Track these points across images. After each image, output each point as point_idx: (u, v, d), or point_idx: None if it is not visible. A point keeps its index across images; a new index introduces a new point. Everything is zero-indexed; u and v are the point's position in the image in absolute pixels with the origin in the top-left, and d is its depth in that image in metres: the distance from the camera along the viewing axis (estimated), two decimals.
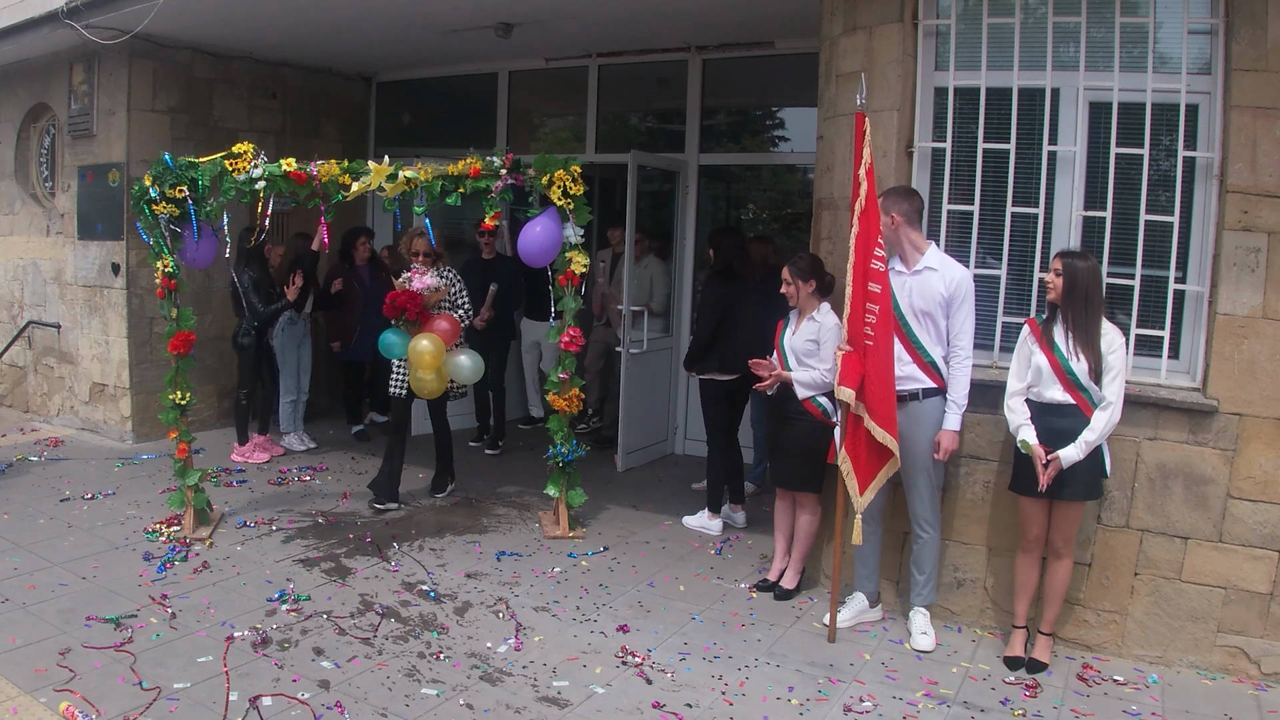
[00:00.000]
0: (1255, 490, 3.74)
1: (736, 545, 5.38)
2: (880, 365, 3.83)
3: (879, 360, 3.83)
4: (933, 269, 3.99)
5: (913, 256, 4.05)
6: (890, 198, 4.02)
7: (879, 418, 3.85)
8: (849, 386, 3.89)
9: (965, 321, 3.98)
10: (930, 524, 4.11)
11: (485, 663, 3.79)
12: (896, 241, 4.04)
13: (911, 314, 4.01)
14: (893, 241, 4.02)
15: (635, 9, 6.10)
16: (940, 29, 4.25)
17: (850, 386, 3.89)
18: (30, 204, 8.14)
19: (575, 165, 5.11)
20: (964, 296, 3.96)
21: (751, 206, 8.04)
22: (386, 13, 6.26)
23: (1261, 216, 3.67)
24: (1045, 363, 3.69)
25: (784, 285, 4.44)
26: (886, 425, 3.84)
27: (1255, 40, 3.63)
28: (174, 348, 5.08)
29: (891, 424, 3.85)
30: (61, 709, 3.27)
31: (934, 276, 3.98)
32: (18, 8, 6.73)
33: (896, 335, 3.99)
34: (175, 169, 4.83)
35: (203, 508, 5.26)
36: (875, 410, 3.85)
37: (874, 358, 3.84)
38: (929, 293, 3.97)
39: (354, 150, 8.13)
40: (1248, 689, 3.73)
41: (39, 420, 7.98)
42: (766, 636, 4.15)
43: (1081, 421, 3.65)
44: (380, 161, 4.96)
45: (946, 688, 3.70)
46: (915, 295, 4.00)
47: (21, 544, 4.90)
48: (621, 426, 6.83)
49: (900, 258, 4.07)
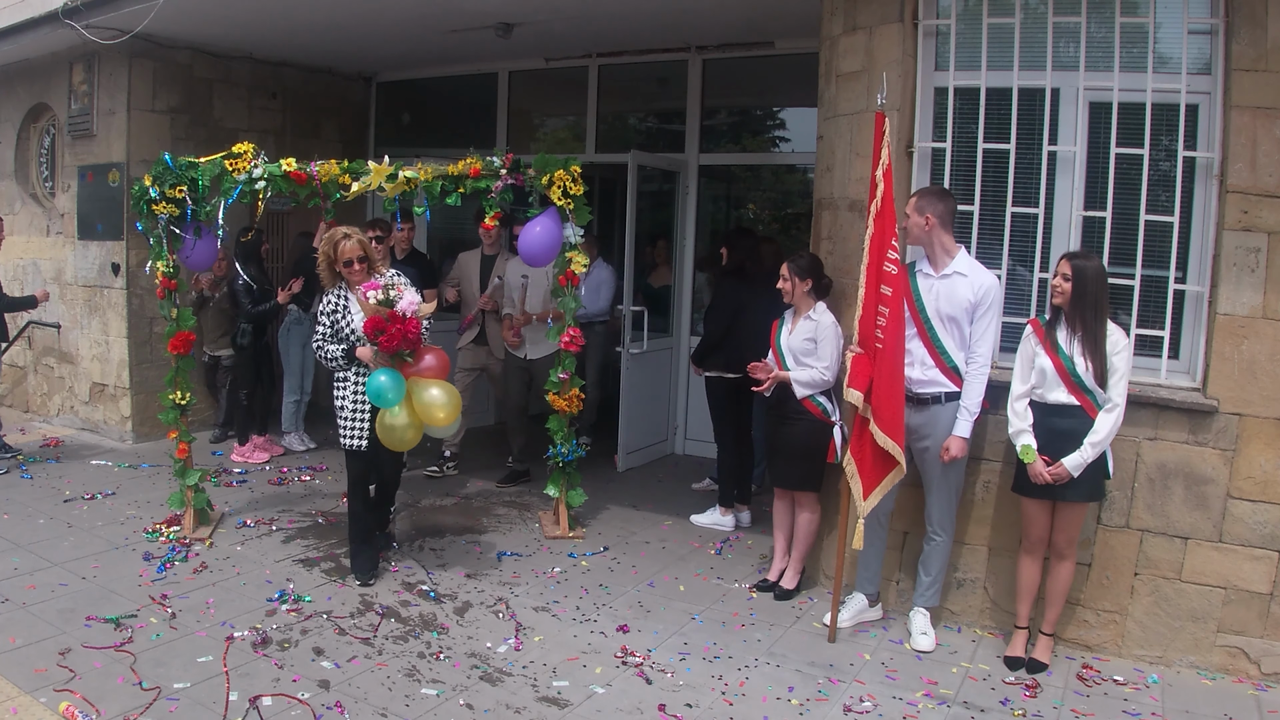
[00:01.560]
0: (1255, 490, 3.74)
1: (736, 545, 5.38)
2: (889, 369, 3.81)
3: (888, 364, 3.81)
4: (962, 274, 3.93)
5: (942, 260, 3.98)
6: (926, 198, 3.94)
7: (884, 424, 3.82)
8: (857, 389, 3.88)
9: (988, 329, 3.91)
10: (944, 528, 4.09)
11: (485, 663, 3.79)
12: (929, 244, 3.97)
13: (937, 318, 3.95)
14: (924, 243, 3.97)
15: (635, 9, 6.10)
16: (940, 29, 4.25)
17: (859, 389, 3.88)
18: (30, 204, 8.14)
19: (575, 165, 5.11)
20: (990, 303, 3.90)
21: (751, 206, 8.04)
22: (387, 13, 6.26)
23: (1261, 216, 3.67)
24: (1050, 365, 3.68)
25: (780, 281, 4.43)
26: (892, 432, 3.81)
27: (1255, 40, 3.62)
28: (174, 348, 5.08)
29: (897, 431, 3.82)
30: (61, 709, 3.26)
31: (962, 282, 3.92)
32: (18, 8, 6.73)
33: (920, 338, 3.97)
34: (175, 169, 4.84)
35: (203, 508, 5.26)
36: (881, 415, 3.83)
37: (883, 361, 3.83)
38: (956, 298, 3.92)
39: (354, 150, 8.13)
40: (1248, 689, 3.72)
41: (39, 420, 7.98)
42: (766, 636, 4.15)
43: (1085, 423, 3.63)
44: (380, 161, 4.95)
45: (946, 688, 3.70)
46: (941, 299, 3.94)
47: (21, 544, 4.90)
48: (621, 426, 6.83)
49: (929, 259, 4.00)
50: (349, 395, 4.54)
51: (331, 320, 4.51)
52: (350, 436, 4.58)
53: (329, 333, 4.51)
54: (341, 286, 4.54)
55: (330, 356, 4.51)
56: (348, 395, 4.55)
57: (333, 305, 4.51)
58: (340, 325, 4.50)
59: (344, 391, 4.56)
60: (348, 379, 4.54)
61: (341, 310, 4.50)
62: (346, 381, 4.55)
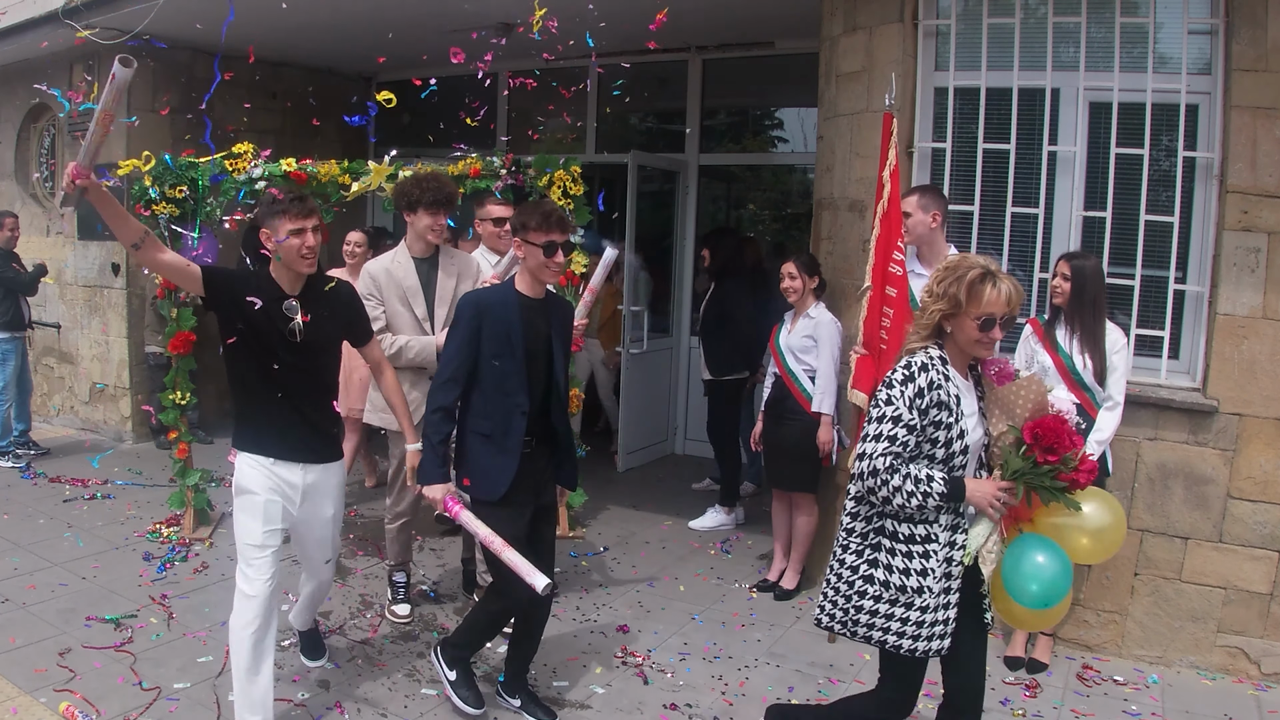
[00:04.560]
0: (1255, 490, 3.74)
1: (736, 545, 5.38)
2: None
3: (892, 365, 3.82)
4: None
5: (936, 259, 3.99)
6: (930, 196, 3.95)
7: None
8: (862, 390, 3.88)
9: None
10: None
11: (485, 663, 3.79)
12: (929, 242, 3.97)
13: None
14: (924, 241, 3.97)
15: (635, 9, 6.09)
16: (940, 29, 4.25)
17: (864, 391, 3.88)
18: (30, 204, 8.14)
19: (575, 165, 5.11)
20: None
21: (751, 207, 8.04)
22: (387, 13, 6.26)
23: (1261, 216, 3.67)
24: (1050, 363, 3.70)
25: (788, 280, 4.42)
26: None
27: (1255, 40, 3.62)
28: (174, 348, 5.07)
29: None
30: (61, 709, 3.27)
31: None
32: (18, 8, 6.73)
33: None
34: (175, 169, 4.84)
35: (203, 508, 5.26)
36: None
37: (888, 363, 3.83)
38: None
39: (354, 150, 8.13)
40: (1248, 689, 3.73)
41: (39, 420, 7.98)
42: (766, 636, 4.15)
43: (1085, 421, 3.65)
44: (380, 161, 4.95)
45: None
46: None
47: (21, 544, 4.90)
48: (621, 426, 6.83)
49: (921, 259, 4.00)
50: (934, 567, 2.44)
51: (931, 420, 2.41)
52: (923, 636, 2.47)
53: (901, 440, 2.40)
54: (936, 355, 2.47)
55: (910, 494, 2.37)
56: (932, 567, 2.44)
57: (931, 383, 2.41)
58: (937, 426, 2.42)
59: (912, 561, 2.46)
60: (932, 537, 2.45)
61: (949, 401, 2.42)
62: (929, 542, 2.45)
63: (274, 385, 3.02)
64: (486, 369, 3.14)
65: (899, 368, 2.48)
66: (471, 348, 3.14)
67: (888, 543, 2.49)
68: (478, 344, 3.13)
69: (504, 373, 3.14)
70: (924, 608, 2.43)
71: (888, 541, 2.50)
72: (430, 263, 4.11)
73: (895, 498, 2.39)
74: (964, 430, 2.44)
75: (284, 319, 3.01)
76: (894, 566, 2.48)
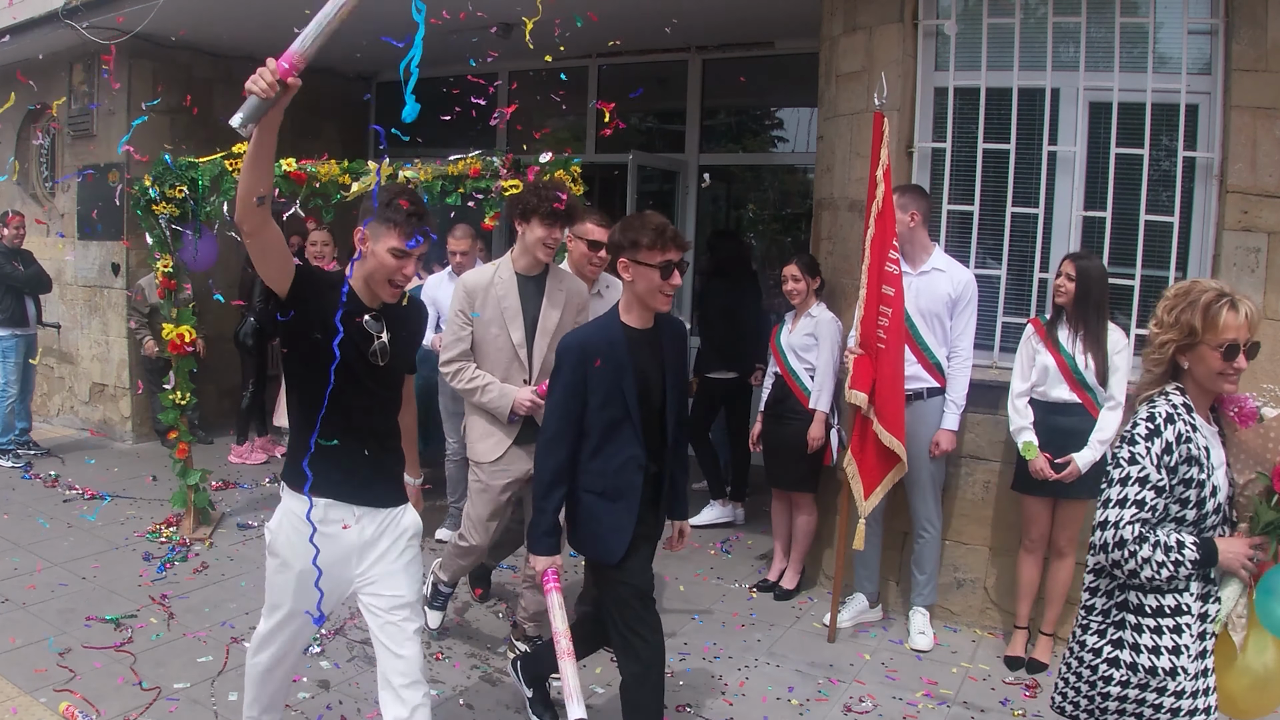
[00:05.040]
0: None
1: (736, 545, 5.38)
2: (891, 369, 3.83)
3: (890, 364, 3.83)
4: (940, 270, 4.00)
5: (920, 257, 4.04)
6: (910, 195, 3.98)
7: (887, 422, 3.83)
8: (861, 390, 3.88)
9: (968, 324, 3.99)
10: (932, 523, 4.12)
11: (485, 663, 3.79)
12: (910, 240, 4.00)
13: (917, 314, 3.99)
14: (906, 240, 3.99)
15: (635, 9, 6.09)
16: (940, 29, 4.25)
17: (862, 390, 3.88)
18: (30, 204, 8.13)
19: (575, 165, 5.11)
20: (969, 298, 3.98)
21: (751, 206, 8.04)
22: (387, 13, 6.25)
23: (1261, 216, 3.67)
24: (1052, 363, 3.70)
25: (790, 283, 4.42)
26: (895, 430, 3.83)
27: (1255, 40, 3.63)
28: (174, 348, 5.08)
29: (900, 429, 3.84)
30: (61, 709, 3.26)
31: (941, 278, 3.98)
32: (18, 8, 6.73)
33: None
34: (175, 169, 4.84)
35: (203, 508, 5.26)
36: (884, 414, 3.84)
37: (885, 362, 3.84)
38: (936, 294, 3.97)
39: (354, 150, 8.13)
40: None
41: (39, 420, 7.97)
42: (766, 636, 4.15)
43: (1087, 420, 3.66)
44: (380, 161, 4.95)
45: (946, 688, 3.70)
46: (921, 296, 3.99)
47: (21, 544, 4.90)
48: None
49: (905, 258, 4.02)
50: (1187, 644, 2.17)
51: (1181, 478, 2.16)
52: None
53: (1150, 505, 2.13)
54: (1180, 402, 2.22)
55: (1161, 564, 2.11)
56: (1186, 643, 2.16)
57: (1180, 436, 2.16)
58: (1188, 484, 2.17)
59: (1162, 638, 2.17)
60: (1183, 608, 2.18)
61: (1199, 455, 2.16)
62: (1181, 614, 2.18)
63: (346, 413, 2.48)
64: (594, 420, 2.77)
65: (1140, 420, 2.20)
66: (578, 399, 2.75)
67: (1133, 618, 2.20)
68: (584, 393, 2.75)
69: (615, 423, 2.77)
70: (1179, 692, 2.15)
71: (1133, 617, 2.20)
72: (537, 282, 3.54)
73: (1144, 569, 2.12)
74: (1216, 487, 2.19)
75: (364, 336, 2.48)
76: (1142, 645, 2.18)
